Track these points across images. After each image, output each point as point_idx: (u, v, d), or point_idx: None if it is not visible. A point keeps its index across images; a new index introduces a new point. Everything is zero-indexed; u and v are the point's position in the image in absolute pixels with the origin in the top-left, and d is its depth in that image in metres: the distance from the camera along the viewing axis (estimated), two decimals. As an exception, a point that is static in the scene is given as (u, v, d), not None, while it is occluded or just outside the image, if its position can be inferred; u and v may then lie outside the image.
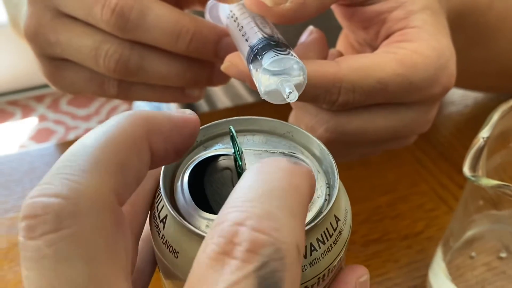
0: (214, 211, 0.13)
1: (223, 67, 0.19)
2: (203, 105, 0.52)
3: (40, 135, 1.49)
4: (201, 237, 0.12)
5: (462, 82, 0.34)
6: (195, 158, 0.15)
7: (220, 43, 0.20)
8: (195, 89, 0.22)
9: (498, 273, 0.26)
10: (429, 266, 0.26)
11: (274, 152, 0.15)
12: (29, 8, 0.21)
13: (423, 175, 0.32)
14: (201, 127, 0.15)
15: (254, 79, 0.16)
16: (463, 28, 0.25)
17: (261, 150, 0.15)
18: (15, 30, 0.39)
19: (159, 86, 0.22)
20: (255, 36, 0.17)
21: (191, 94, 0.22)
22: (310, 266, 0.12)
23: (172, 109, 0.53)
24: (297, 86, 0.16)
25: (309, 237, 0.12)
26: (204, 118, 0.33)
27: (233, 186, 0.14)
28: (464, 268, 0.26)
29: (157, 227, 0.14)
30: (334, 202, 0.13)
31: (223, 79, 0.23)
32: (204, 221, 0.13)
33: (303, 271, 0.12)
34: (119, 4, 0.19)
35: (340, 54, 0.23)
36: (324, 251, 0.12)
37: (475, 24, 0.26)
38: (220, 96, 0.49)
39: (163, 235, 0.13)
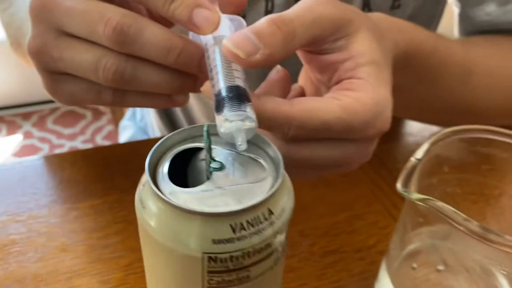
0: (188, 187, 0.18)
1: (202, 89, 0.23)
2: (183, 122, 0.55)
3: (24, 152, 1.50)
4: (159, 198, 0.16)
5: (412, 115, 0.38)
6: (181, 147, 0.19)
7: (202, 59, 0.23)
8: (181, 95, 0.25)
9: (436, 283, 0.30)
10: (376, 276, 0.30)
11: (242, 154, 0.19)
12: (34, 29, 0.24)
13: (378, 196, 0.36)
14: (195, 125, 0.19)
15: (216, 119, 0.20)
16: (410, 67, 0.30)
17: (234, 151, 0.19)
18: (17, 50, 0.42)
19: (149, 94, 0.25)
20: (219, 84, 0.20)
21: (177, 100, 0.25)
22: (237, 240, 0.16)
23: (155, 129, 0.56)
24: (248, 132, 0.19)
25: (242, 217, 0.16)
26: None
27: (205, 174, 0.18)
28: (406, 278, 0.29)
29: (138, 189, 0.18)
30: (269, 197, 0.16)
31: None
32: (168, 189, 0.17)
33: (233, 243, 0.16)
34: (119, 23, 0.22)
35: (302, 89, 0.27)
36: (251, 233, 0.16)
37: (420, 65, 0.30)
38: (200, 117, 0.53)
39: (140, 194, 0.18)
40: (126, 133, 0.65)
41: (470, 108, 0.36)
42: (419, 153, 0.24)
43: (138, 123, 0.67)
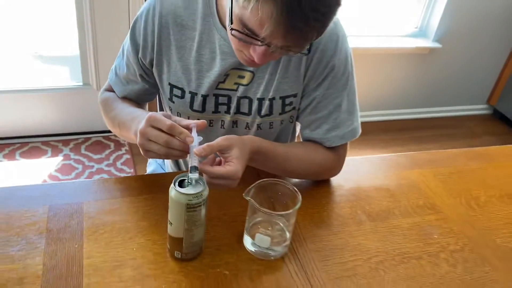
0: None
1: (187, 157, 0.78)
2: (181, 163, 1.10)
3: (64, 169, 2.03)
4: (175, 189, 0.70)
5: (271, 171, 0.93)
6: (182, 177, 0.73)
7: (189, 149, 0.74)
8: (184, 156, 0.77)
9: (268, 234, 0.83)
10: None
11: (196, 181, 0.73)
12: (140, 136, 0.76)
13: (256, 203, 0.90)
14: (186, 173, 0.73)
15: (188, 174, 0.73)
16: (260, 154, 0.84)
17: (194, 180, 0.73)
18: (113, 130, 0.98)
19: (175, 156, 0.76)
20: (191, 162, 0.73)
21: (183, 158, 0.77)
22: (194, 200, 0.70)
23: (168, 166, 1.15)
24: (196, 176, 0.72)
25: (195, 195, 0.70)
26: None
27: (187, 185, 0.72)
28: (254, 232, 0.83)
29: (170, 187, 0.72)
30: (202, 190, 0.70)
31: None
32: (177, 187, 0.71)
33: (192, 201, 0.70)
34: (166, 139, 0.74)
35: (220, 160, 0.81)
36: (196, 199, 0.70)
37: (264, 155, 0.84)
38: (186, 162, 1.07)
39: (170, 189, 0.72)
40: (152, 166, 1.20)
41: (293, 172, 0.92)
42: (252, 186, 0.79)
43: (158, 160, 1.22)
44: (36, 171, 1.99)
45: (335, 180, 1.02)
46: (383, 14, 2.64)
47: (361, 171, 1.07)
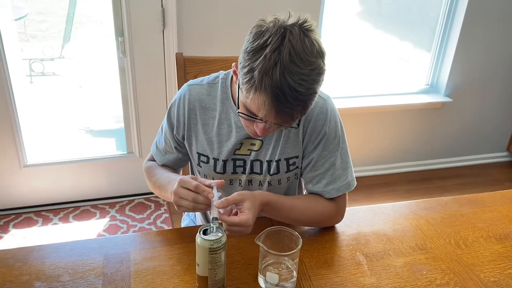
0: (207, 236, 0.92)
1: (209, 211, 0.99)
2: (208, 215, 1.31)
3: (110, 229, 2.28)
4: (200, 236, 0.91)
5: (281, 220, 1.12)
6: (205, 227, 0.94)
7: (210, 203, 0.96)
8: (208, 209, 0.99)
9: (277, 272, 1.01)
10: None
11: (217, 229, 0.93)
12: (174, 195, 1.00)
13: (269, 248, 1.09)
14: (208, 223, 0.94)
15: (210, 222, 0.94)
16: (269, 205, 1.04)
17: (215, 228, 0.94)
18: (155, 192, 1.21)
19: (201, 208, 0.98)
20: (212, 214, 0.94)
21: (207, 209, 0.99)
22: (215, 245, 0.89)
23: (198, 219, 1.39)
24: (217, 225, 0.94)
25: (216, 240, 0.89)
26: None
27: (209, 232, 0.93)
28: (261, 271, 1.01)
29: (197, 235, 0.92)
30: (221, 236, 0.90)
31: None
32: (202, 235, 0.91)
33: (213, 245, 0.90)
34: (194, 197, 0.96)
35: (237, 211, 1.02)
36: (217, 244, 0.89)
37: (272, 206, 1.04)
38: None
39: (197, 236, 0.92)
40: (185, 221, 1.42)
41: (298, 220, 1.11)
42: (261, 233, 0.98)
43: (190, 216, 1.44)
44: (86, 231, 2.25)
45: (338, 227, 1.20)
46: (398, 74, 2.87)
47: (363, 219, 1.25)
